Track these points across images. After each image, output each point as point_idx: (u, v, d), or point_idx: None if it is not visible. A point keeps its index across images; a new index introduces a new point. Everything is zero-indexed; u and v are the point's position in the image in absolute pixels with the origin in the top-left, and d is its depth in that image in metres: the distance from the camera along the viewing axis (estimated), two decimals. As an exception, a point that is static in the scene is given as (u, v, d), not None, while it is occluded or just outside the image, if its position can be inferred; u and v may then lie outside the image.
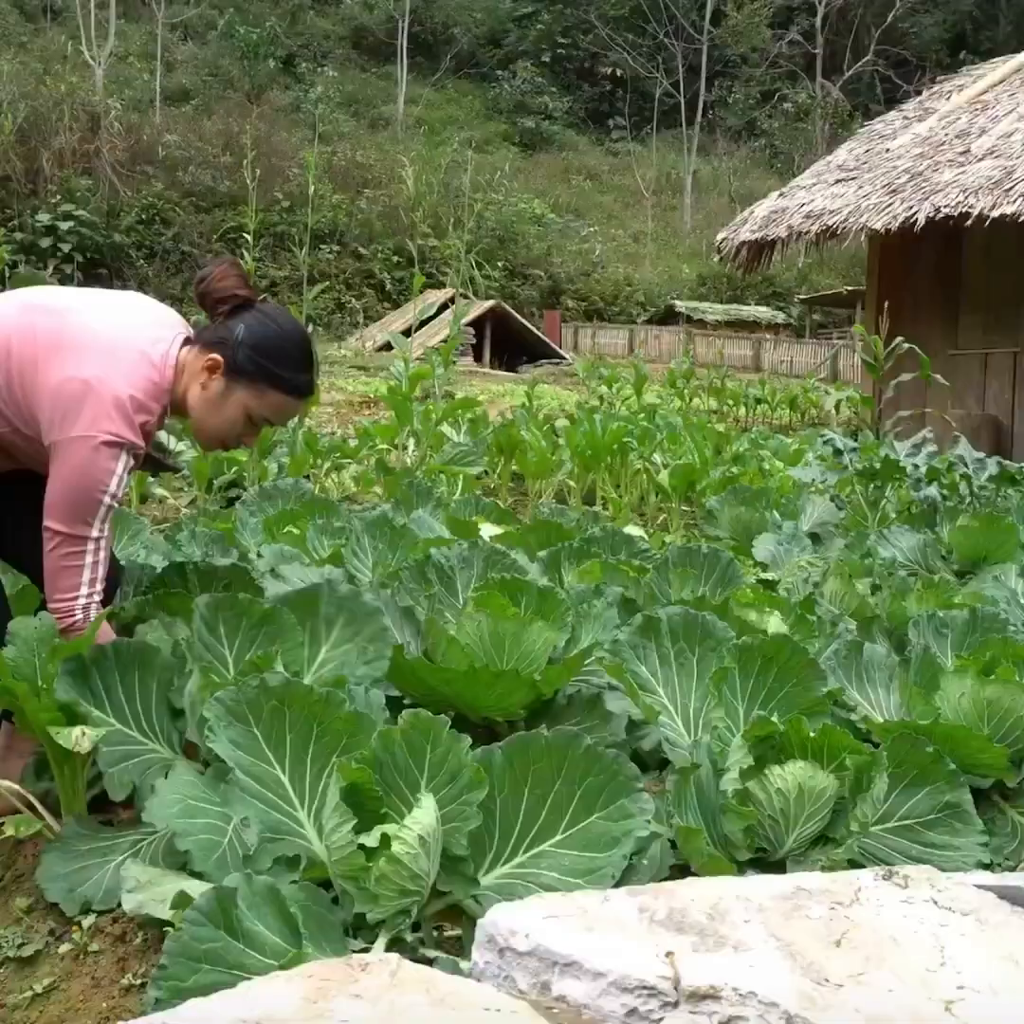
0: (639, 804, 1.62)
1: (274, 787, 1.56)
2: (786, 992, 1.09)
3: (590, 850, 1.58)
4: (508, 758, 1.62)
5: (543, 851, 1.59)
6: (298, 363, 2.11)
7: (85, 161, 26.58)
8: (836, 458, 4.92)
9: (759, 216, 10.80)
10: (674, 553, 3.14)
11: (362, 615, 2.19)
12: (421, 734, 1.56)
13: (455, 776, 1.55)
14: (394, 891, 1.45)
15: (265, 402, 2.10)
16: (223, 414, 2.09)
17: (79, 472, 1.93)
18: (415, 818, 1.46)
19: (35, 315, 2.05)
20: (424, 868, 1.47)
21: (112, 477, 1.96)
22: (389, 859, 1.43)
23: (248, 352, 2.05)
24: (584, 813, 1.60)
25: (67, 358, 1.96)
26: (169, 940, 1.30)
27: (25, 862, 2.00)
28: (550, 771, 1.61)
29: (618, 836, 1.58)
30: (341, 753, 1.58)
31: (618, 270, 34.11)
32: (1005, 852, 2.00)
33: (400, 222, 27.94)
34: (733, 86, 46.86)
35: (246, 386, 2.07)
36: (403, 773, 1.55)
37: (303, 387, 2.15)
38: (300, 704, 1.60)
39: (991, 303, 9.74)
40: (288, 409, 2.18)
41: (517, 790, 1.61)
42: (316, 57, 45.12)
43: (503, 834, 1.60)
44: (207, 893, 1.34)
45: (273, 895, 1.38)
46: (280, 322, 2.12)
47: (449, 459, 5.56)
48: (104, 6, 34.99)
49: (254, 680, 1.60)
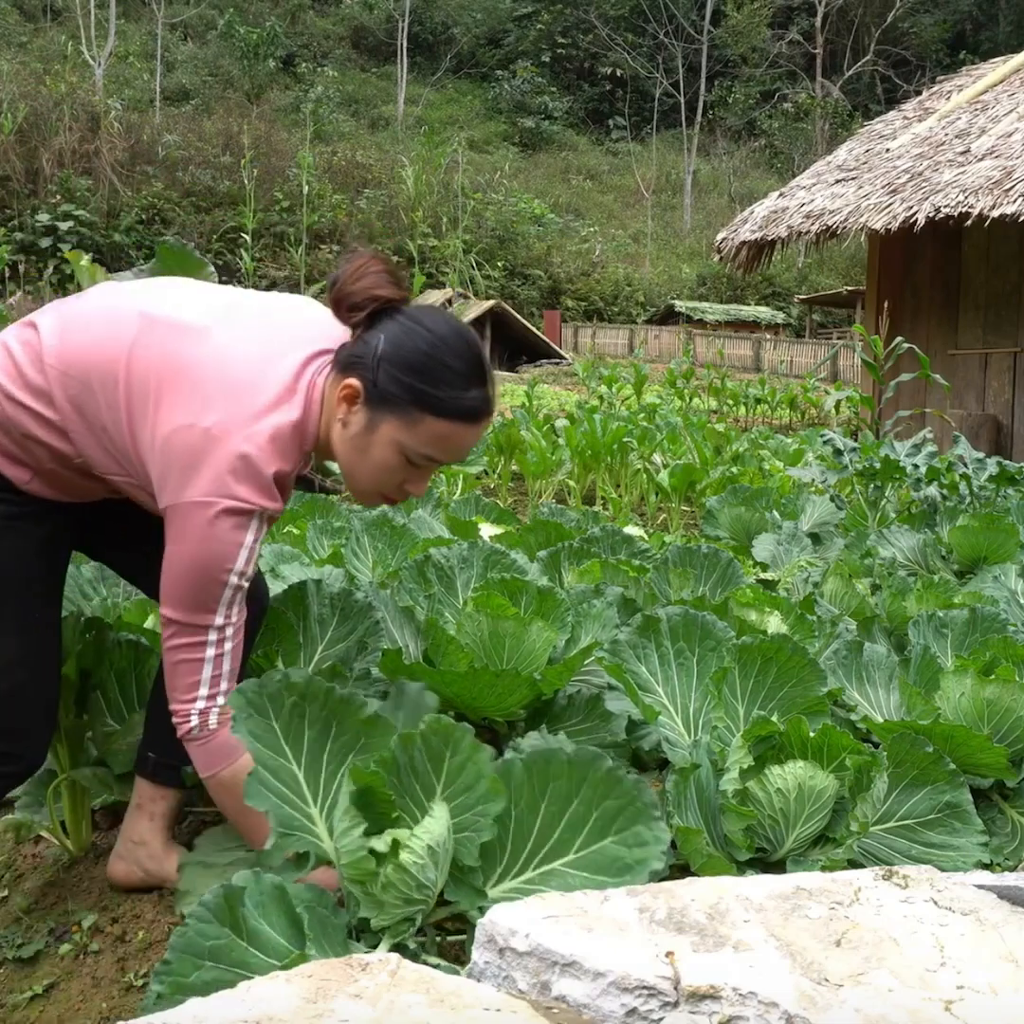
0: (655, 832, 1.56)
1: (290, 783, 1.54)
2: (786, 992, 1.09)
3: (602, 874, 1.54)
4: (528, 771, 1.58)
5: (554, 869, 1.56)
6: (460, 376, 1.59)
7: (85, 161, 26.60)
8: (836, 458, 4.92)
9: (759, 216, 10.80)
10: (674, 553, 3.14)
11: (354, 612, 2.19)
12: (441, 740, 1.53)
13: (472, 785, 1.52)
14: (400, 899, 1.45)
15: (421, 433, 1.59)
16: (371, 457, 1.62)
17: (197, 546, 1.54)
18: (425, 827, 1.44)
19: (158, 332, 1.61)
20: (431, 878, 1.45)
21: (240, 551, 1.56)
22: (396, 867, 1.42)
23: (390, 370, 1.57)
24: (599, 835, 1.56)
25: (189, 398, 1.55)
26: (175, 936, 1.29)
27: (25, 862, 2.00)
28: (568, 789, 1.57)
29: (631, 863, 1.54)
30: (359, 753, 1.56)
31: (618, 270, 34.14)
32: (1005, 852, 2.00)
33: (400, 222, 27.96)
34: (733, 86, 46.91)
35: (394, 416, 1.59)
36: (420, 777, 1.53)
37: (472, 407, 1.61)
38: (321, 701, 1.57)
39: (991, 303, 9.75)
40: (457, 439, 1.62)
41: (534, 805, 1.57)
42: (316, 57, 45.19)
43: (515, 848, 1.57)
44: (215, 890, 1.34)
45: (280, 894, 1.37)
46: (430, 325, 1.60)
47: (449, 459, 5.54)
48: (104, 6, 35.02)
49: (277, 674, 1.56)
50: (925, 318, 10.16)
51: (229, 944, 1.30)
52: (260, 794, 1.49)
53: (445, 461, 1.66)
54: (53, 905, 1.86)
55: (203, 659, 1.58)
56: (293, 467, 1.61)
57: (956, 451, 5.04)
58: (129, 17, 41.79)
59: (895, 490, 5.11)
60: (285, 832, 1.49)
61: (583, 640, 2.39)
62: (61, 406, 1.61)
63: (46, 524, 1.70)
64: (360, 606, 2.20)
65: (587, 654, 2.27)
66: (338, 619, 2.20)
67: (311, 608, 2.18)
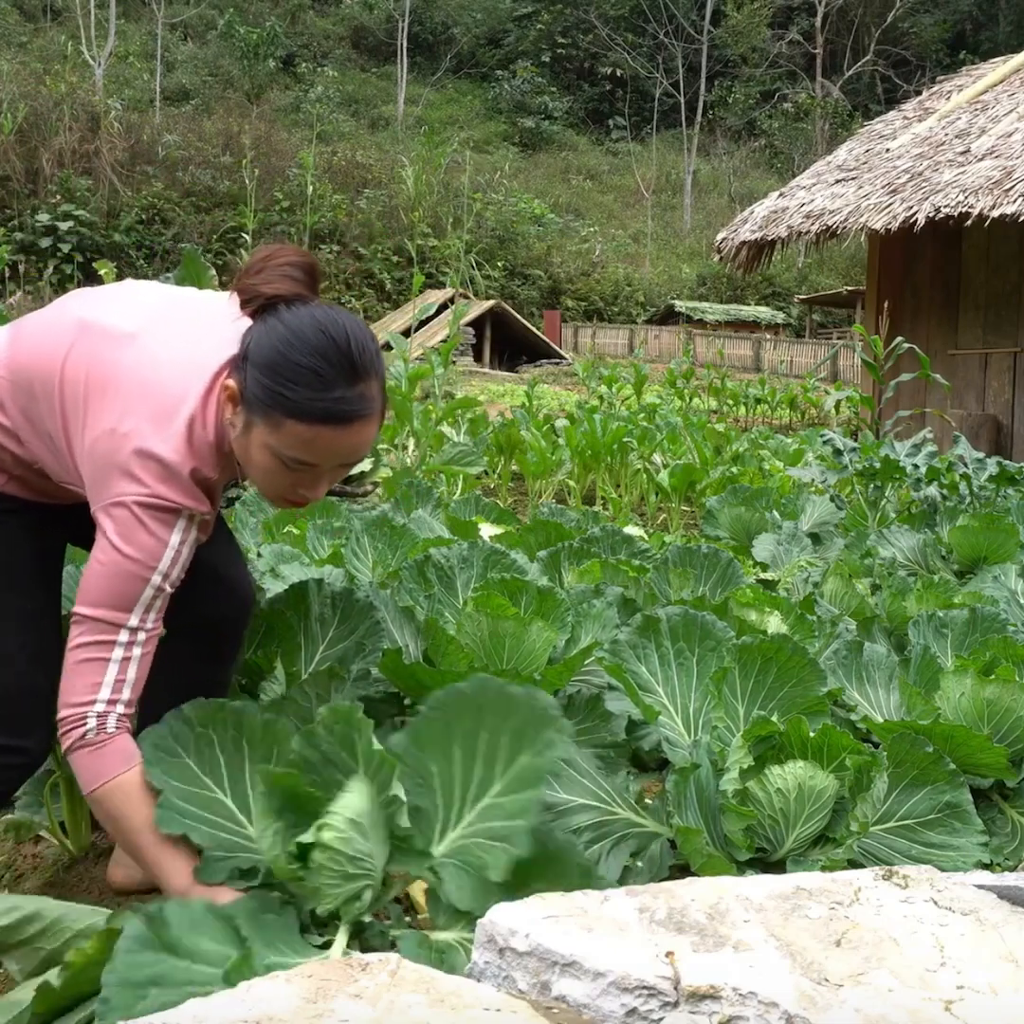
0: (561, 733, 1.53)
1: (220, 810, 1.55)
2: (786, 992, 1.09)
3: (529, 788, 1.52)
4: (430, 721, 1.56)
5: (489, 804, 1.54)
6: (317, 376, 1.48)
7: (85, 161, 26.60)
8: (836, 458, 4.92)
9: (759, 216, 10.81)
10: (674, 553, 3.14)
11: (355, 612, 2.19)
12: (344, 724, 1.51)
13: (384, 757, 1.50)
14: (335, 877, 1.44)
15: (285, 437, 1.50)
16: (253, 460, 1.55)
17: (122, 543, 1.49)
18: (343, 803, 1.44)
19: (91, 339, 1.60)
20: (362, 849, 1.44)
21: (165, 551, 1.51)
22: (322, 848, 1.42)
23: (252, 371, 1.50)
24: (516, 755, 1.54)
25: (112, 404, 1.53)
26: (106, 973, 1.22)
27: (25, 862, 2.00)
28: (474, 724, 1.55)
29: (548, 766, 1.53)
30: (277, 761, 1.56)
31: (618, 270, 34.14)
32: (1005, 852, 2.00)
33: (400, 222, 27.96)
34: (733, 86, 46.91)
35: (260, 418, 1.50)
36: (339, 766, 1.52)
37: (332, 409, 1.49)
38: (223, 724, 1.59)
39: (991, 303, 9.75)
40: (324, 443, 1.51)
41: (447, 752, 1.56)
42: (316, 57, 45.21)
43: (446, 800, 1.55)
44: (134, 923, 1.28)
45: (212, 912, 1.36)
46: (290, 321, 1.51)
47: (449, 459, 5.56)
48: (104, 6, 35.04)
49: (173, 714, 1.58)
50: (925, 318, 10.16)
51: (171, 966, 1.27)
52: (189, 827, 1.50)
53: (323, 464, 1.55)
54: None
55: (109, 659, 1.50)
56: (213, 469, 1.57)
57: (956, 451, 5.04)
58: (129, 17, 41.80)
59: (895, 490, 5.11)
60: (225, 855, 1.51)
61: (583, 640, 2.39)
62: (13, 414, 1.64)
63: (33, 519, 1.73)
64: (361, 606, 2.20)
65: (587, 654, 2.27)
66: (339, 619, 2.20)
67: (312, 608, 2.18)
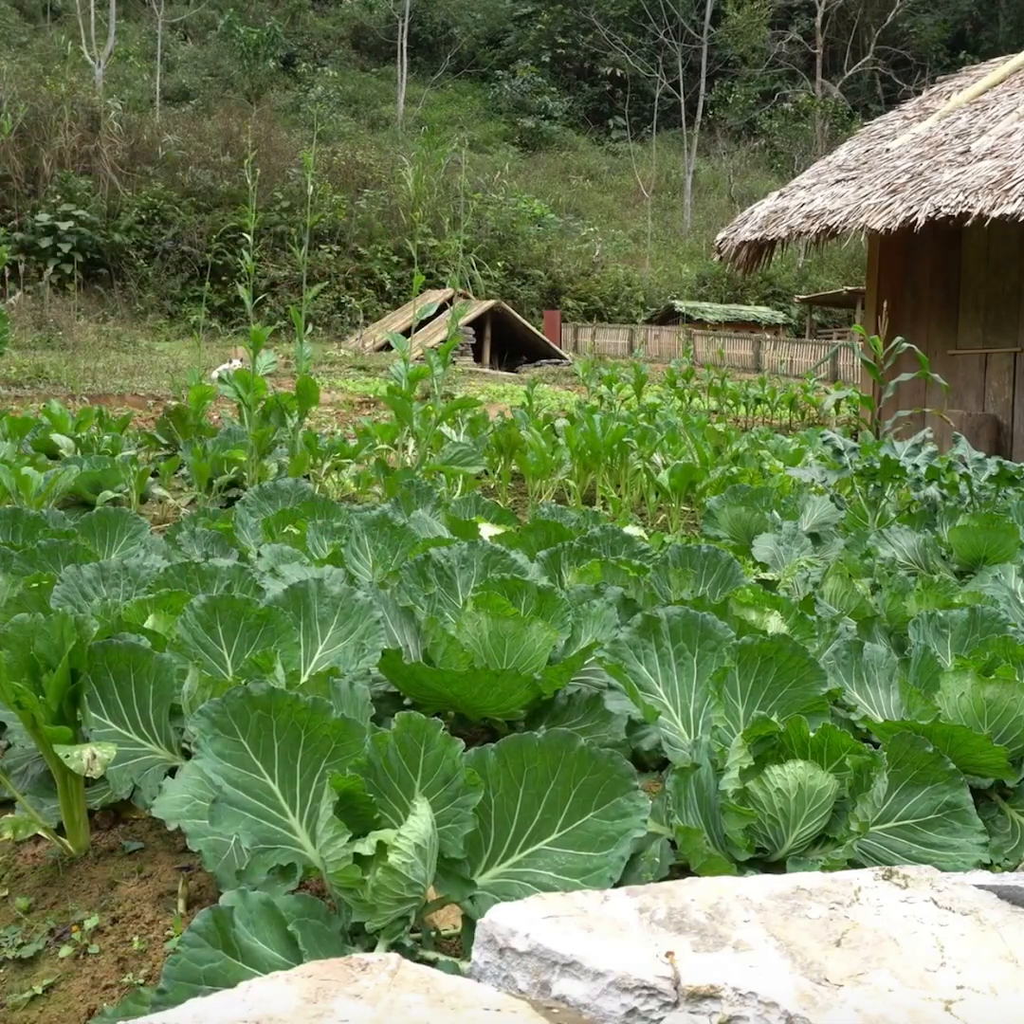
0: (635, 802, 1.60)
1: (265, 796, 1.55)
2: (786, 992, 1.09)
3: (587, 849, 1.57)
4: (502, 759, 1.60)
5: (539, 850, 1.58)
6: None
7: (85, 161, 26.59)
8: (836, 458, 4.92)
9: (759, 216, 10.80)
10: (674, 553, 3.13)
11: (355, 612, 2.19)
12: (415, 737, 1.54)
13: (450, 778, 1.54)
14: (391, 900, 1.45)
15: None
16: None
17: None
18: (411, 827, 1.45)
19: None
20: (421, 876, 1.46)
21: None
22: (386, 870, 1.42)
23: None
24: (580, 812, 1.59)
25: None
26: (168, 964, 1.28)
27: (25, 862, 2.00)
28: (544, 771, 1.60)
29: (614, 835, 1.57)
30: (330, 759, 1.57)
31: (618, 270, 34.13)
32: (1005, 852, 2.00)
33: (400, 222, 27.96)
34: (733, 86, 46.88)
35: None
36: (397, 776, 1.54)
37: None
38: (287, 712, 1.59)
39: (991, 303, 9.74)
40: None
41: (512, 791, 1.59)
42: (316, 57, 45.18)
43: (499, 835, 1.59)
44: (204, 913, 1.33)
45: (269, 910, 1.37)
46: None
47: (449, 459, 5.56)
48: (104, 6, 35.03)
49: (238, 691, 1.58)
50: (925, 318, 10.15)
51: (225, 966, 1.30)
52: (233, 815, 1.49)
53: None
54: (53, 905, 1.86)
55: None
56: None
57: (956, 451, 5.04)
58: (129, 17, 41.78)
59: (895, 490, 5.10)
60: (266, 847, 1.49)
61: (583, 640, 2.39)
62: None
63: None
64: (361, 606, 2.20)
65: (587, 654, 2.27)
66: (339, 618, 2.20)
67: (312, 607, 2.18)
